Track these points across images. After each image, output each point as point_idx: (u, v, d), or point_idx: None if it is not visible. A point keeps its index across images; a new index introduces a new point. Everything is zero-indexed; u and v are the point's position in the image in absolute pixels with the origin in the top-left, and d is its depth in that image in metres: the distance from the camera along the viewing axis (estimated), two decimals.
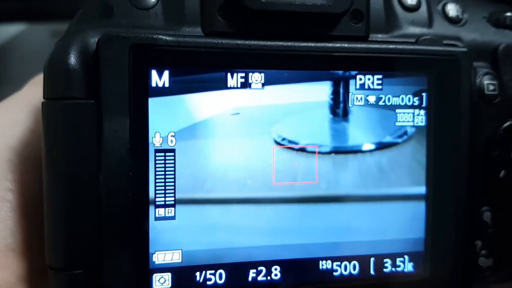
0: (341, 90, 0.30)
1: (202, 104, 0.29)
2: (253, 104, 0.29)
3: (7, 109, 0.32)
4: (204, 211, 0.29)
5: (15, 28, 0.75)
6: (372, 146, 0.31)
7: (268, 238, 0.30)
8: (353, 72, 0.31)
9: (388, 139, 0.31)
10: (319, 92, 0.30)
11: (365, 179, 0.31)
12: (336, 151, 0.31)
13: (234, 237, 0.30)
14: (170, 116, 0.28)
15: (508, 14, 0.36)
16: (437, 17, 0.34)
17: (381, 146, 0.31)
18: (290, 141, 0.30)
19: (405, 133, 0.31)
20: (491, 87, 0.34)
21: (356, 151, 0.31)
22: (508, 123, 0.34)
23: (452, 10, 0.35)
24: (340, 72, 0.30)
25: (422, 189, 0.32)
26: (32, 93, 0.32)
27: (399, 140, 0.31)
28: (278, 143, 0.30)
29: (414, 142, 0.32)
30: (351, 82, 0.31)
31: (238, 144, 0.29)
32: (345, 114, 0.31)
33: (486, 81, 0.34)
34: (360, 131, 0.31)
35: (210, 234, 0.29)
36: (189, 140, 0.29)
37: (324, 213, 0.31)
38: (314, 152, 0.30)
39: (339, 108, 0.30)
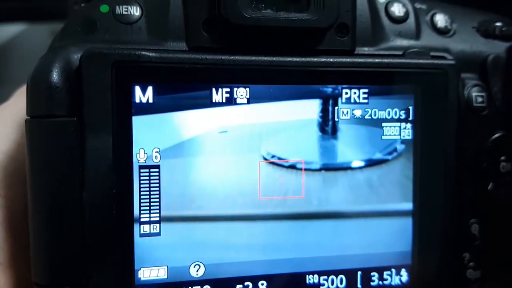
0: (330, 108, 0.30)
1: (189, 122, 0.28)
2: (241, 121, 0.29)
3: None
4: (190, 228, 0.29)
5: (15, 28, 0.75)
6: (362, 163, 0.30)
7: (255, 254, 0.30)
8: (339, 87, 0.30)
9: (378, 156, 0.31)
10: (308, 109, 0.30)
11: (354, 195, 0.31)
12: (326, 168, 0.30)
13: (220, 253, 0.29)
14: (155, 133, 0.28)
15: (498, 24, 0.35)
16: (425, 28, 0.33)
17: (370, 163, 0.31)
18: (279, 158, 0.29)
19: (395, 150, 0.31)
20: (480, 99, 0.33)
21: (345, 168, 0.30)
22: (496, 135, 0.34)
23: (440, 20, 0.34)
24: (329, 90, 0.30)
25: (409, 205, 0.31)
26: (18, 104, 0.32)
27: (389, 157, 0.31)
28: (266, 160, 0.29)
29: (404, 158, 0.31)
30: (339, 99, 0.30)
31: (226, 161, 0.29)
32: (334, 132, 0.30)
33: (475, 93, 0.33)
34: (349, 148, 0.30)
35: (195, 251, 0.29)
36: (175, 158, 0.28)
37: (311, 229, 0.30)
38: (301, 168, 0.30)
39: (328, 126, 0.30)
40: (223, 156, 0.29)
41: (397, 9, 0.32)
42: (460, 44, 0.34)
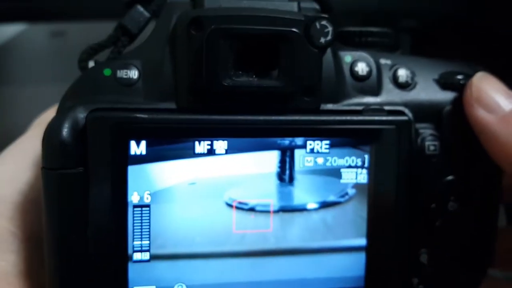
0: (288, 159, 0.38)
1: (167, 174, 0.37)
2: (208, 175, 0.37)
3: (16, 155, 0.41)
4: (174, 260, 0.38)
5: (15, 28, 0.80)
6: (316, 205, 0.39)
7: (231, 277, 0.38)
8: (302, 140, 0.38)
9: (331, 198, 0.39)
10: (269, 161, 0.38)
11: (310, 234, 0.38)
12: (284, 210, 0.38)
13: (201, 277, 0.38)
14: (146, 179, 0.36)
15: (458, 76, 0.40)
16: (387, 84, 0.40)
17: (324, 205, 0.39)
18: (240, 203, 0.38)
19: (346, 193, 0.39)
20: (432, 148, 0.39)
21: (301, 209, 0.39)
22: (447, 179, 0.40)
23: (402, 76, 0.40)
24: (287, 142, 0.38)
25: (363, 241, 0.39)
26: (37, 137, 0.38)
27: (342, 200, 0.39)
28: (230, 206, 0.38)
29: (355, 201, 0.39)
30: (298, 151, 0.38)
31: (196, 207, 0.37)
32: (291, 179, 0.38)
33: (428, 142, 0.39)
34: (305, 193, 0.38)
35: (179, 275, 0.38)
36: (160, 201, 0.37)
37: (270, 265, 0.38)
38: (266, 211, 0.38)
39: (285, 174, 0.38)
40: (193, 204, 0.37)
41: (360, 68, 0.39)
42: (419, 97, 0.40)
